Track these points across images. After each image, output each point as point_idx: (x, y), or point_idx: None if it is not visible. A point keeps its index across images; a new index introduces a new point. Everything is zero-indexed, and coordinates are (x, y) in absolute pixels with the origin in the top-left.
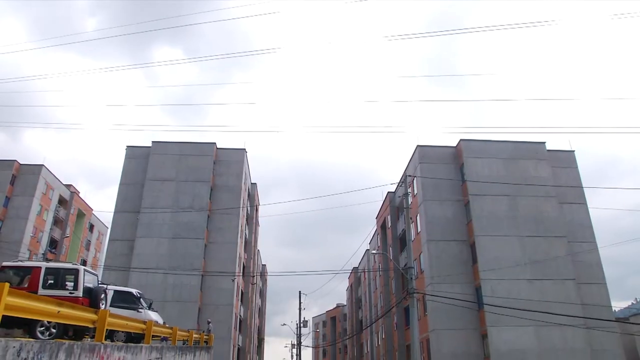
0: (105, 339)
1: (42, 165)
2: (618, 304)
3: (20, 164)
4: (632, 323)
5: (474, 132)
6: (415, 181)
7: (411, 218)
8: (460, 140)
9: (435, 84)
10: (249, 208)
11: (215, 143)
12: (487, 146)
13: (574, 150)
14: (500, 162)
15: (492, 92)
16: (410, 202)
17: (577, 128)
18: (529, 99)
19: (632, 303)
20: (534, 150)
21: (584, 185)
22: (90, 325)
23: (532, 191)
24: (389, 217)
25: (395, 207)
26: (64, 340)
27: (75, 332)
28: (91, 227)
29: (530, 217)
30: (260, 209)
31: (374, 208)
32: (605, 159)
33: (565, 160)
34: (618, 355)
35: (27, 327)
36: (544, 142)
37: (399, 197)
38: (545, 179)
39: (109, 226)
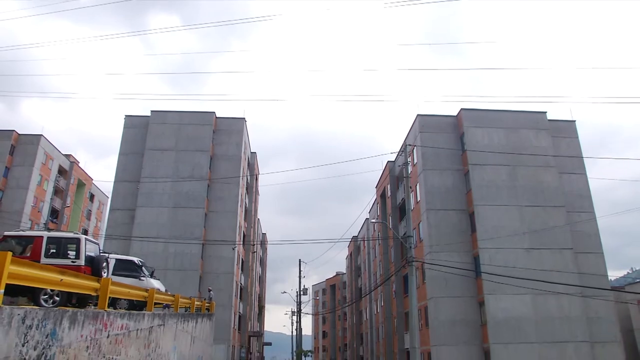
0: (108, 307)
1: (41, 135)
2: (614, 273)
3: (19, 134)
4: (627, 292)
5: (475, 101)
6: (415, 150)
7: (411, 187)
8: (461, 109)
9: (435, 52)
10: (248, 177)
11: (214, 112)
12: (488, 115)
13: (574, 120)
14: (501, 132)
15: (493, 60)
16: (410, 171)
17: (580, 97)
18: (531, 67)
19: (628, 272)
20: (534, 120)
21: (583, 156)
22: (93, 293)
23: (532, 161)
24: (388, 186)
25: (395, 177)
26: (67, 308)
27: (78, 300)
28: (92, 196)
29: (529, 187)
30: (260, 178)
31: (374, 177)
32: (607, 129)
33: (566, 130)
34: (612, 322)
35: (31, 295)
36: (545, 112)
37: (399, 166)
38: (545, 149)
39: (110, 196)
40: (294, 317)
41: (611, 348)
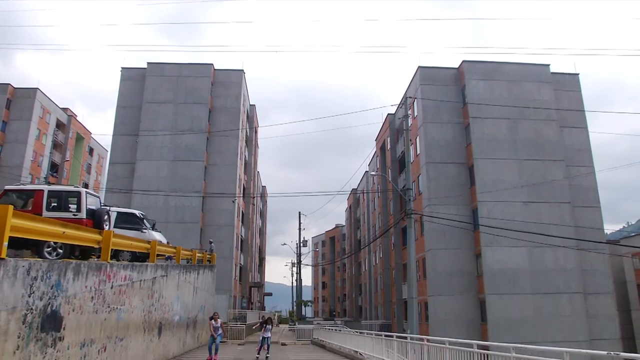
0: (111, 259)
1: (37, 88)
2: (610, 227)
3: (15, 88)
4: (622, 245)
5: (477, 52)
6: (415, 103)
7: (411, 140)
8: (463, 61)
9: (437, 2)
10: (248, 130)
11: (212, 64)
12: (490, 68)
13: (578, 74)
14: (503, 85)
15: (496, 11)
16: (410, 124)
17: (584, 50)
18: (535, 18)
19: (624, 226)
20: (537, 72)
21: (585, 109)
22: (96, 246)
23: (534, 114)
24: (388, 139)
25: (395, 129)
26: (71, 260)
27: (81, 253)
28: (91, 150)
29: (530, 141)
30: (259, 130)
31: (374, 130)
32: (610, 83)
33: (569, 83)
34: (606, 275)
35: (35, 248)
36: (548, 65)
37: (399, 119)
38: (547, 102)
39: (109, 149)
40: (294, 269)
41: (604, 299)
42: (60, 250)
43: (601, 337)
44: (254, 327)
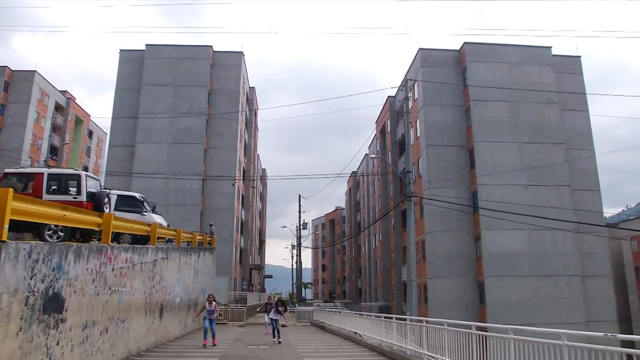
0: (112, 242)
1: (35, 71)
2: (610, 211)
3: (12, 70)
4: (621, 228)
5: (479, 34)
6: (416, 85)
7: (411, 123)
8: (464, 43)
9: None
10: (247, 112)
11: (211, 46)
12: (492, 50)
13: (580, 56)
14: (504, 67)
15: None
16: (410, 107)
17: (586, 32)
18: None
19: (623, 210)
20: (539, 55)
21: (587, 92)
22: (96, 228)
23: (535, 97)
24: (388, 121)
25: (395, 112)
26: (71, 243)
27: (82, 235)
28: (90, 133)
29: (530, 124)
30: (259, 113)
31: (374, 112)
32: (613, 65)
33: (571, 66)
34: (605, 258)
35: (36, 231)
36: (550, 47)
37: (399, 101)
38: (548, 85)
39: (108, 132)
40: (294, 251)
41: (602, 281)
42: (61, 233)
43: (598, 319)
44: (257, 310)
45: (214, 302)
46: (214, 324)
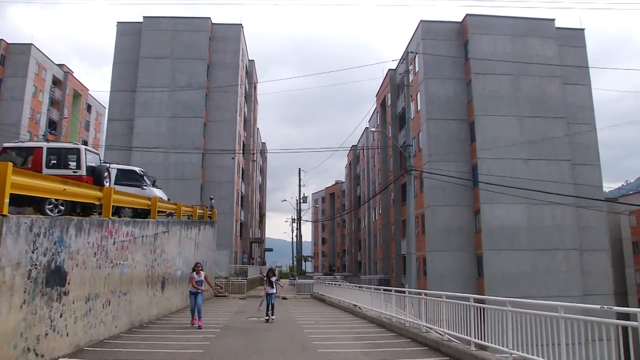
0: (113, 216)
1: (31, 44)
2: (609, 185)
3: (9, 43)
4: (620, 203)
5: (481, 5)
6: (417, 58)
7: (411, 96)
8: (466, 15)
9: None
10: (247, 86)
11: (209, 18)
12: (494, 22)
13: (583, 29)
14: (507, 39)
15: None
16: (411, 80)
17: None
18: None
19: (622, 185)
20: (542, 27)
21: (590, 66)
22: (97, 202)
23: (537, 70)
24: (389, 95)
25: (396, 85)
26: (72, 217)
27: (82, 210)
28: (89, 107)
29: (532, 97)
30: (259, 86)
31: (375, 86)
32: (617, 38)
33: (574, 38)
34: (603, 232)
35: (37, 205)
36: (553, 19)
37: (400, 74)
38: (550, 58)
39: (107, 106)
40: (294, 225)
41: (599, 256)
42: (62, 207)
43: (595, 292)
44: (263, 281)
45: (202, 272)
46: (201, 298)
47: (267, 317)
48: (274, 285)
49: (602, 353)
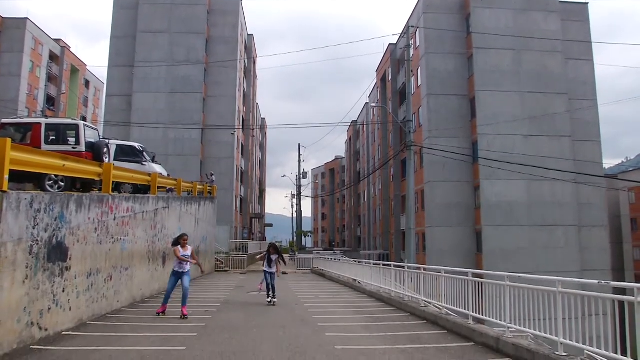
0: (113, 192)
1: (27, 18)
2: (609, 162)
3: (4, 18)
4: (620, 179)
5: None
6: (418, 32)
7: (412, 71)
8: None
9: None
10: (246, 60)
11: None
12: None
13: (587, 3)
14: (509, 14)
15: None
16: (411, 55)
17: None
18: None
19: (623, 161)
20: (545, 1)
21: (593, 41)
22: (97, 178)
23: (539, 45)
24: (389, 70)
25: (397, 60)
26: (72, 193)
27: (82, 186)
28: (87, 83)
29: (533, 73)
30: (258, 61)
31: (375, 61)
32: (621, 13)
33: (577, 13)
34: (601, 208)
35: (37, 181)
36: None
37: (401, 49)
38: (553, 33)
39: (105, 82)
40: (294, 200)
41: (598, 232)
42: (62, 183)
43: (593, 268)
44: (257, 257)
45: (189, 246)
46: (187, 280)
47: (268, 300)
48: (272, 265)
49: (599, 327)
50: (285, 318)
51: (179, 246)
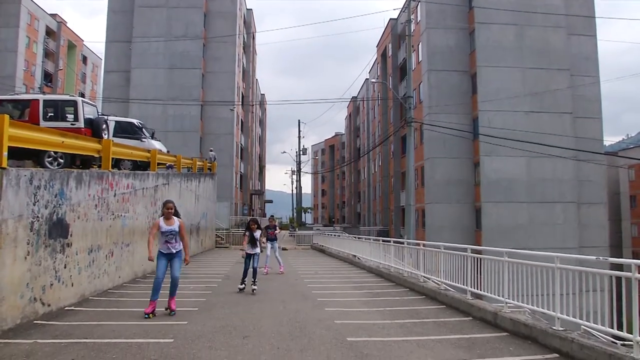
0: (112, 168)
1: None
2: (610, 139)
3: None
4: (620, 156)
5: None
6: (419, 7)
7: (413, 46)
8: None
9: None
10: (245, 36)
11: None
12: None
13: None
14: None
15: None
16: (412, 30)
17: None
18: None
19: (623, 138)
20: None
21: (597, 16)
22: (96, 155)
23: (542, 20)
24: (390, 45)
25: (397, 35)
26: (72, 169)
27: (82, 162)
28: (84, 59)
29: (535, 48)
30: (257, 37)
31: (375, 36)
32: None
33: None
34: (601, 185)
35: (36, 158)
36: None
37: (402, 23)
38: (556, 8)
39: (103, 57)
40: (294, 176)
41: (596, 209)
42: (61, 160)
43: (591, 244)
44: (245, 234)
45: (176, 219)
46: (178, 265)
47: (241, 287)
48: (257, 243)
49: (596, 303)
50: (286, 293)
51: (161, 218)
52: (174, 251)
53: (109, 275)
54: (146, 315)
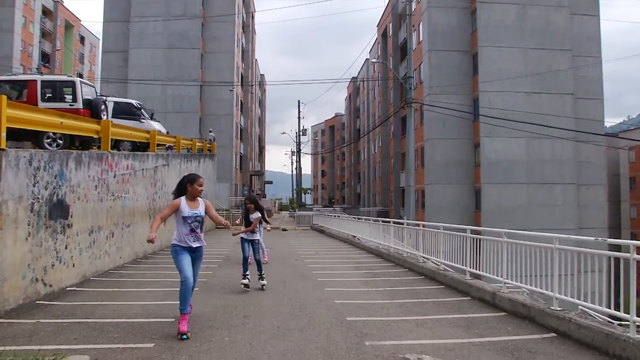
0: (112, 149)
1: None
2: (611, 120)
3: None
4: (620, 138)
5: None
6: None
7: (413, 26)
8: None
9: None
10: (244, 15)
11: None
12: None
13: None
14: None
15: None
16: (413, 9)
17: None
18: None
19: (624, 120)
20: None
21: None
22: (95, 136)
23: (544, 0)
24: (390, 24)
25: (398, 15)
26: (71, 150)
27: (81, 143)
28: (82, 39)
29: (537, 28)
30: (256, 16)
31: (376, 15)
32: None
33: None
34: (601, 167)
35: (35, 139)
36: None
37: (402, 2)
38: None
39: (101, 38)
40: (294, 157)
41: (595, 190)
42: (60, 141)
43: (590, 226)
44: (235, 232)
45: (200, 199)
46: (200, 263)
47: (245, 282)
48: (257, 229)
49: (594, 284)
50: (286, 273)
51: (183, 197)
52: (199, 245)
53: (110, 256)
54: (184, 337)
